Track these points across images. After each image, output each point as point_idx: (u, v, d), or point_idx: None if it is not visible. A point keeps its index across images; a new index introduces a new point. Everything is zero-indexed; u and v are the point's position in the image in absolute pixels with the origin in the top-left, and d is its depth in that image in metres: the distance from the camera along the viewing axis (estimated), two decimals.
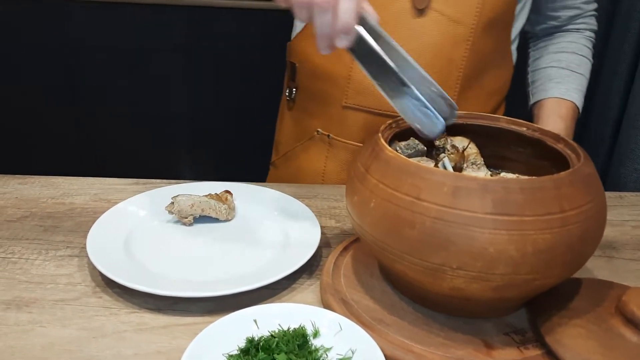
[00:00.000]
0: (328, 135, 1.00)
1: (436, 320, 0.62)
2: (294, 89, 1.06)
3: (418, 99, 0.62)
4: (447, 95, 0.66)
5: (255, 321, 0.60)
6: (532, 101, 1.06)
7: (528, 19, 1.03)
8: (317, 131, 1.01)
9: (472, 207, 0.53)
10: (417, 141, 0.71)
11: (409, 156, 0.71)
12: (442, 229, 0.54)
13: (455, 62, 0.91)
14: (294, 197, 0.89)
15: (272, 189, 0.91)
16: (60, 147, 2.12)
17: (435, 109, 0.63)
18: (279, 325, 0.60)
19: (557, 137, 0.67)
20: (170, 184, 0.94)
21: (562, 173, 0.56)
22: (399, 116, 0.67)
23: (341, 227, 0.83)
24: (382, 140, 0.62)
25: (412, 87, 0.62)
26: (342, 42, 0.61)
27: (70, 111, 2.06)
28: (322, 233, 0.80)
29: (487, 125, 0.72)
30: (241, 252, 0.75)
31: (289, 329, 0.59)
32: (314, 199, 0.91)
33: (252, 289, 0.65)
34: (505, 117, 0.71)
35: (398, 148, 0.70)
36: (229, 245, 0.77)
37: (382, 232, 0.58)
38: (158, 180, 0.95)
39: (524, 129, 0.70)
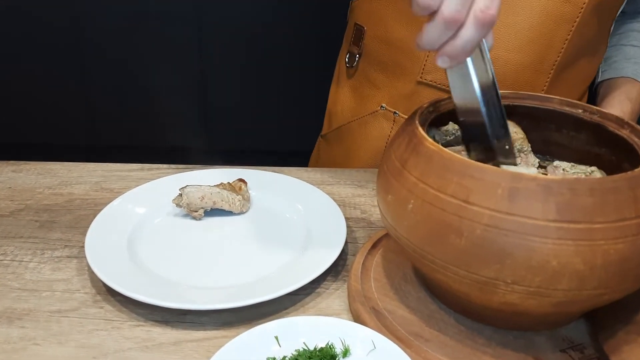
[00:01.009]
0: (394, 112, 0.89)
1: (482, 334, 0.55)
2: (357, 55, 0.93)
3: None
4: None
5: (276, 338, 0.53)
6: (600, 79, 0.94)
7: None
8: (382, 106, 0.90)
9: (532, 212, 0.45)
10: (456, 126, 0.62)
11: (447, 144, 0.62)
12: (495, 239, 0.46)
13: (555, 46, 0.79)
14: (314, 184, 0.80)
15: (288, 175, 0.83)
16: (61, 119, 2.05)
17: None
18: (304, 343, 0.52)
19: (620, 122, 0.58)
20: (178, 169, 0.86)
21: (638, 170, 0.47)
22: None
23: (367, 219, 0.75)
24: (421, 130, 0.53)
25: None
26: (442, 63, 0.51)
27: (74, 80, 1.98)
28: (347, 226, 0.72)
29: (536, 107, 0.63)
30: (258, 252, 0.67)
31: (315, 348, 0.52)
32: (336, 185, 0.83)
33: (272, 298, 0.58)
34: (558, 98, 0.62)
35: (436, 135, 0.61)
36: (244, 243, 0.69)
37: (421, 239, 0.50)
38: (164, 166, 0.87)
39: (580, 111, 0.61)
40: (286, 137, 2.13)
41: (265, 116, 2.14)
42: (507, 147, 0.58)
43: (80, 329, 0.56)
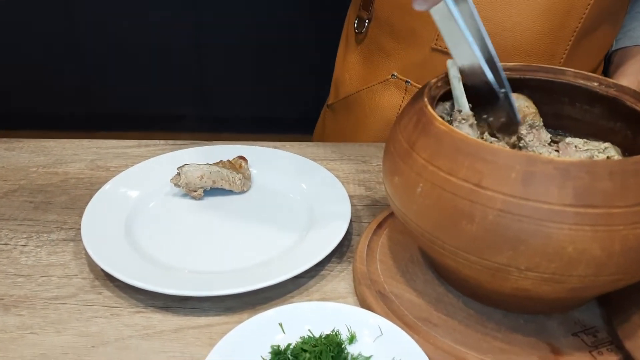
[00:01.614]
0: (406, 81, 0.84)
1: (491, 319, 0.53)
2: (367, 20, 0.88)
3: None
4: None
5: (280, 325, 0.51)
6: (614, 47, 0.90)
7: None
8: (393, 74, 0.85)
9: (549, 197, 0.43)
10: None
11: (454, 120, 0.59)
12: (509, 225, 0.44)
13: (576, 11, 0.75)
14: (317, 160, 0.78)
15: (290, 150, 0.80)
16: (53, 87, 2.02)
17: None
18: (309, 330, 0.51)
19: (638, 96, 0.55)
20: (175, 145, 0.83)
21: None
22: None
23: (372, 196, 0.73)
24: (430, 109, 0.50)
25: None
26: (418, 6, 0.50)
27: (65, 46, 1.94)
28: (351, 204, 0.70)
29: (549, 80, 0.60)
30: (260, 233, 0.65)
31: (321, 335, 0.50)
32: (339, 161, 0.81)
33: (274, 284, 0.56)
34: (572, 70, 0.59)
35: (443, 112, 0.58)
36: (246, 224, 0.67)
37: (431, 224, 0.48)
38: (162, 142, 0.85)
39: (596, 84, 0.58)
40: (289, 104, 2.10)
41: (266, 82, 2.11)
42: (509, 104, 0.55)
43: (79, 316, 0.55)
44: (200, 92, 2.17)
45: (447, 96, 0.58)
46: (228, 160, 0.73)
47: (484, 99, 0.56)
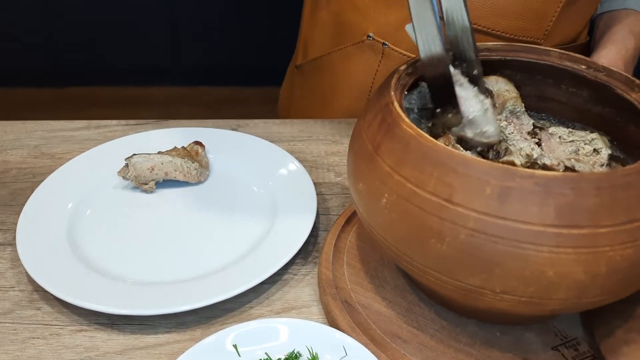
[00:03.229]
0: (383, 44, 0.77)
1: (465, 330, 0.49)
2: None
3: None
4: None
5: (235, 347, 0.47)
6: (599, 11, 0.83)
7: None
8: (369, 36, 0.77)
9: (527, 216, 0.38)
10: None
11: (422, 110, 0.53)
12: (482, 246, 0.39)
13: None
14: (284, 140, 0.72)
15: (255, 128, 0.74)
16: (20, 42, 1.91)
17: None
18: (266, 354, 0.46)
19: (630, 83, 0.49)
20: (128, 126, 0.76)
21: None
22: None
23: (342, 184, 0.68)
24: (397, 106, 0.44)
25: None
26: None
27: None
28: (319, 193, 0.64)
29: (531, 61, 0.54)
30: (217, 232, 0.60)
31: (279, 359, 0.46)
32: (308, 141, 0.75)
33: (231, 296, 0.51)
34: (558, 51, 0.53)
35: (410, 103, 0.52)
36: (201, 222, 0.61)
37: (397, 240, 0.43)
38: (113, 122, 0.78)
39: (584, 67, 0.52)
40: (256, 51, 2.03)
41: (233, 29, 2.03)
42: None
43: (14, 337, 0.50)
44: (172, 43, 2.08)
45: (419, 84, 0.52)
46: (183, 147, 0.67)
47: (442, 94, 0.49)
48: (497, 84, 0.55)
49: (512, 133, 0.52)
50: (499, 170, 0.38)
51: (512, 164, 0.47)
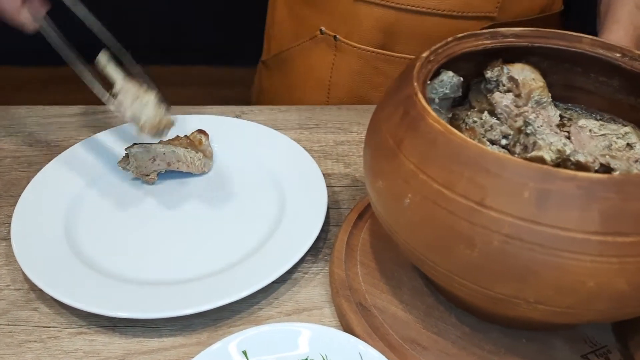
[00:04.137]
0: (334, 37, 0.76)
1: (489, 337, 0.46)
2: None
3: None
4: None
5: (244, 353, 0.44)
6: None
7: None
8: (321, 30, 0.77)
9: (568, 222, 0.34)
10: (451, 75, 0.50)
11: (443, 99, 0.50)
12: (517, 254, 0.35)
13: None
14: (290, 128, 0.69)
15: (260, 115, 0.70)
16: None
17: None
18: None
19: None
20: None
21: None
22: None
23: (352, 175, 0.65)
24: (422, 98, 0.41)
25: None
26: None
27: None
28: (328, 185, 0.61)
29: (561, 48, 0.50)
30: (223, 228, 0.57)
31: None
32: (315, 129, 0.71)
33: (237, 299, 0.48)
34: (589, 37, 0.49)
35: (431, 93, 0.48)
36: (206, 216, 0.58)
37: (421, 243, 0.40)
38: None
39: (618, 55, 0.48)
40: (231, 33, 1.98)
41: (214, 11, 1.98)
42: None
43: (10, 339, 0.47)
44: (150, 22, 2.03)
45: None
46: (186, 137, 0.63)
47: None
48: (523, 72, 0.52)
49: (541, 126, 0.48)
50: (538, 172, 0.35)
51: (541, 159, 0.44)
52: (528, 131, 0.48)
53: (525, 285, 0.36)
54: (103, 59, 0.57)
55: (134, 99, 0.53)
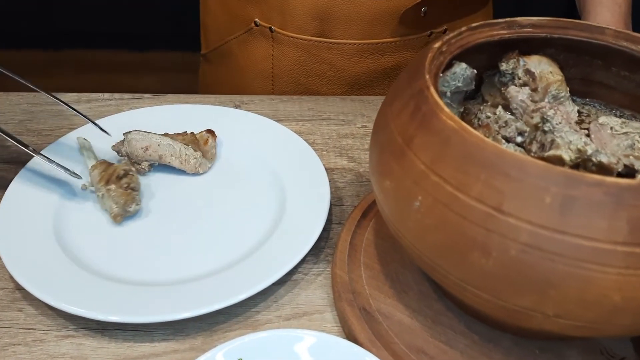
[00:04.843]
0: (270, 28, 0.73)
1: (499, 346, 0.44)
2: None
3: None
4: None
5: None
6: None
7: None
8: (255, 22, 0.74)
9: (594, 231, 0.32)
10: (464, 67, 0.47)
11: (455, 92, 0.47)
12: (536, 264, 0.33)
13: None
14: (292, 119, 0.66)
15: (260, 104, 0.67)
16: None
17: None
18: None
19: None
20: (122, 101, 0.70)
21: None
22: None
23: (356, 170, 0.62)
24: (434, 92, 0.38)
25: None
26: None
27: None
28: (331, 181, 0.58)
29: (581, 40, 0.47)
30: (220, 225, 0.54)
31: None
32: (318, 121, 0.68)
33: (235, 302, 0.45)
34: (613, 28, 0.46)
35: (443, 86, 0.45)
36: (203, 213, 0.55)
37: (431, 249, 0.37)
38: (107, 95, 0.71)
39: None
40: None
41: None
42: None
43: None
44: (171, 8, 1.98)
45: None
46: (192, 133, 0.60)
47: None
48: (540, 65, 0.49)
49: (560, 123, 0.45)
50: (562, 176, 0.32)
51: (560, 159, 0.41)
52: (546, 128, 0.45)
53: (544, 298, 0.34)
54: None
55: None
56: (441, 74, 0.44)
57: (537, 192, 0.32)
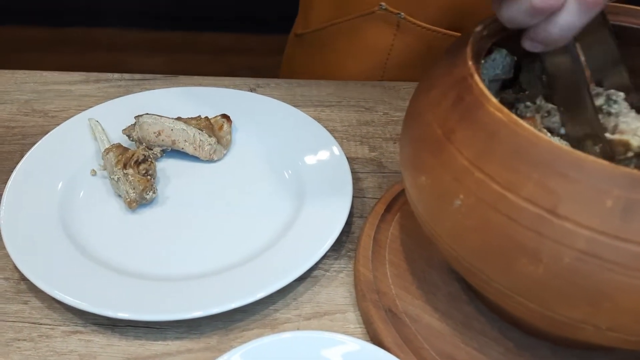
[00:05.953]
0: (398, 14, 0.66)
1: (536, 355, 0.41)
2: None
3: None
4: None
5: None
6: None
7: None
8: (381, 5, 0.67)
9: None
10: (504, 53, 0.43)
11: (493, 80, 0.44)
12: (593, 273, 0.30)
13: None
14: (310, 105, 0.63)
15: (276, 88, 0.64)
16: None
17: None
18: None
19: None
20: (133, 81, 0.66)
21: None
22: None
23: (378, 160, 0.59)
24: (479, 81, 0.34)
25: None
26: (532, 48, 0.37)
27: None
28: (352, 172, 0.55)
29: (632, 27, 0.44)
30: (235, 218, 0.51)
31: None
32: (337, 107, 0.65)
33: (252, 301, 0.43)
34: None
35: (482, 73, 0.42)
36: (218, 203, 0.52)
37: (472, 253, 0.34)
38: (116, 75, 0.68)
39: None
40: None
41: None
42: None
43: None
44: None
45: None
46: (206, 118, 0.57)
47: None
48: None
49: (626, 108, 0.42)
50: (626, 178, 0.29)
51: (626, 144, 0.38)
52: (612, 110, 0.41)
53: (597, 310, 0.31)
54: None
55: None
56: (484, 60, 0.40)
57: (597, 195, 0.29)
